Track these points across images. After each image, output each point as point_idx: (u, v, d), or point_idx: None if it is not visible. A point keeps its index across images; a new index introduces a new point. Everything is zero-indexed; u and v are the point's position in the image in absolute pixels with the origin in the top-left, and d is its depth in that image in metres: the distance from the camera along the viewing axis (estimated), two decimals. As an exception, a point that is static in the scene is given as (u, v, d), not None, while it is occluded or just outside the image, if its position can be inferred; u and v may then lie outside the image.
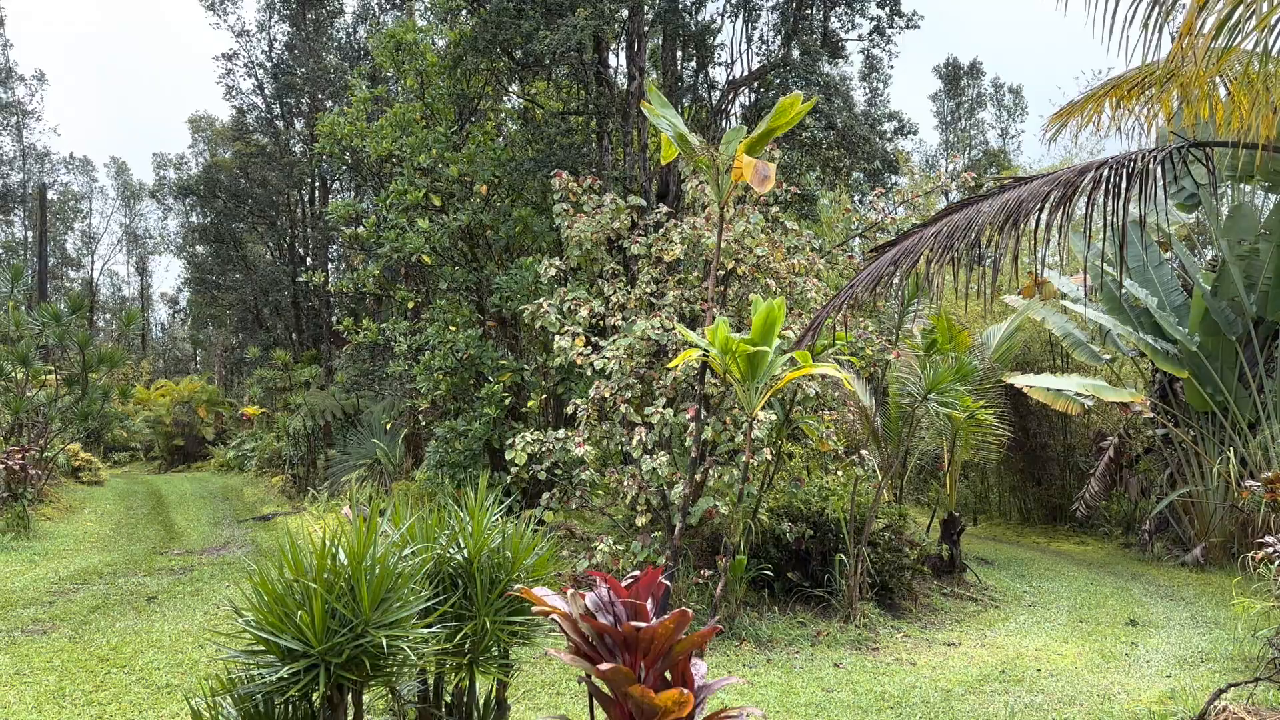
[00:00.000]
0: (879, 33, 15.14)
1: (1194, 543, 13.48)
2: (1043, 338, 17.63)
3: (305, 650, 3.60)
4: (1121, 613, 10.32)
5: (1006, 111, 43.95)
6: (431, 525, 4.75)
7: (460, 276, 14.18)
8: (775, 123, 8.31)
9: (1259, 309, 13.06)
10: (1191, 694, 7.03)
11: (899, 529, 10.64)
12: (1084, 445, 17.15)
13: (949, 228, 7.79)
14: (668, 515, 9.30)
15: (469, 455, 13.45)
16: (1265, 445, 12.59)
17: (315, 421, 22.21)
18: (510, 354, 14.05)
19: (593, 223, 10.21)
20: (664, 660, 3.55)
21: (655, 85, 12.09)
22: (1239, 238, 13.26)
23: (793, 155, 14.42)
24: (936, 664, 8.16)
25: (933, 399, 9.68)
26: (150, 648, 8.10)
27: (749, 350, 7.68)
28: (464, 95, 15.09)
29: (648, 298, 10.04)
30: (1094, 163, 7.68)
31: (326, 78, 24.68)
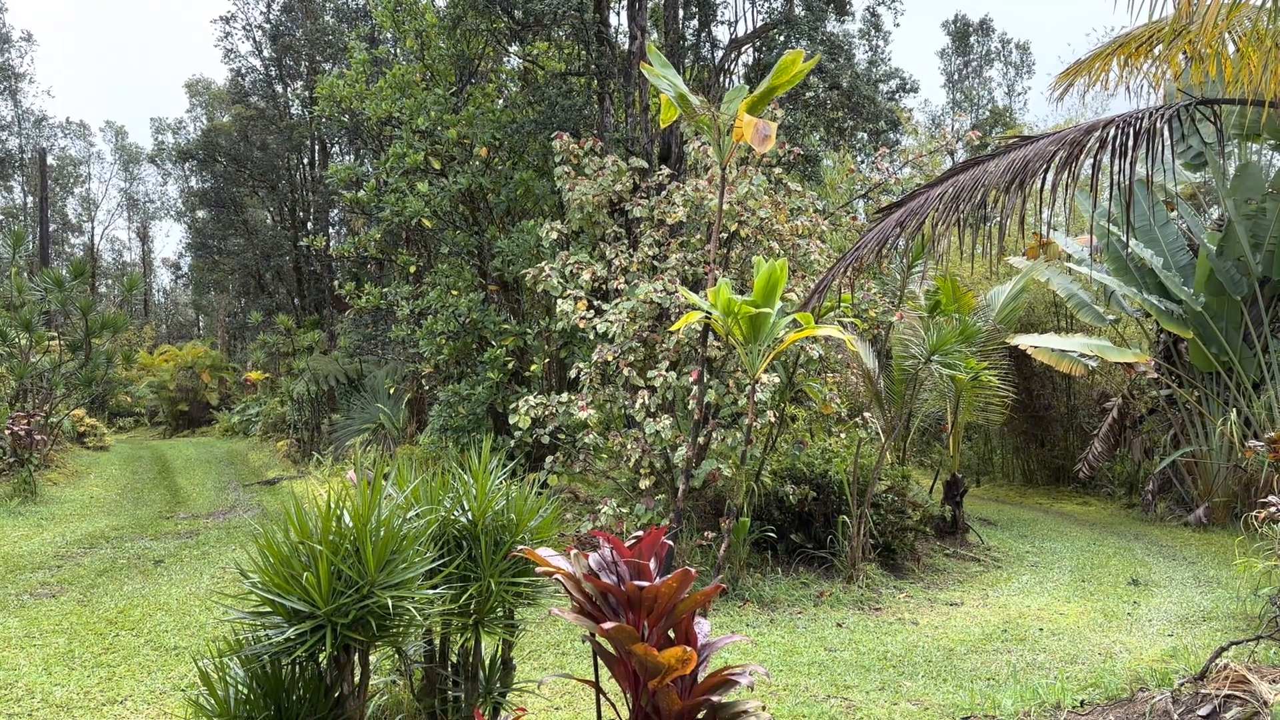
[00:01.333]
0: (884, -12, 14.95)
1: (1197, 503, 13.52)
2: (1047, 299, 17.57)
3: (311, 611, 3.62)
4: (1124, 572, 10.37)
5: (1014, 69, 43.46)
6: (436, 488, 4.75)
7: (461, 240, 14.11)
8: (777, 81, 8.19)
9: (1265, 268, 12.98)
10: (1193, 652, 7.07)
11: (902, 490, 10.67)
12: (1087, 406, 17.16)
13: (954, 189, 7.72)
14: (671, 478, 9.32)
15: (472, 419, 13.47)
16: (1269, 405, 12.58)
17: (319, 386, 22.24)
18: (512, 318, 14.02)
19: (594, 185, 10.14)
20: (667, 619, 3.56)
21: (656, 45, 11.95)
22: (1246, 197, 13.15)
23: (796, 115, 14.27)
24: (939, 623, 8.21)
25: (936, 360, 9.66)
26: (158, 610, 8.17)
27: (751, 312, 7.64)
28: (464, 56, 14.93)
29: (650, 261, 9.99)
30: (1100, 121, 7.59)
31: (325, 39, 24.42)
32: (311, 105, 21.02)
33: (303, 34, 25.14)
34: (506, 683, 4.74)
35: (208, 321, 49.76)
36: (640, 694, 3.43)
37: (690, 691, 3.46)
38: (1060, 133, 7.74)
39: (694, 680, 3.49)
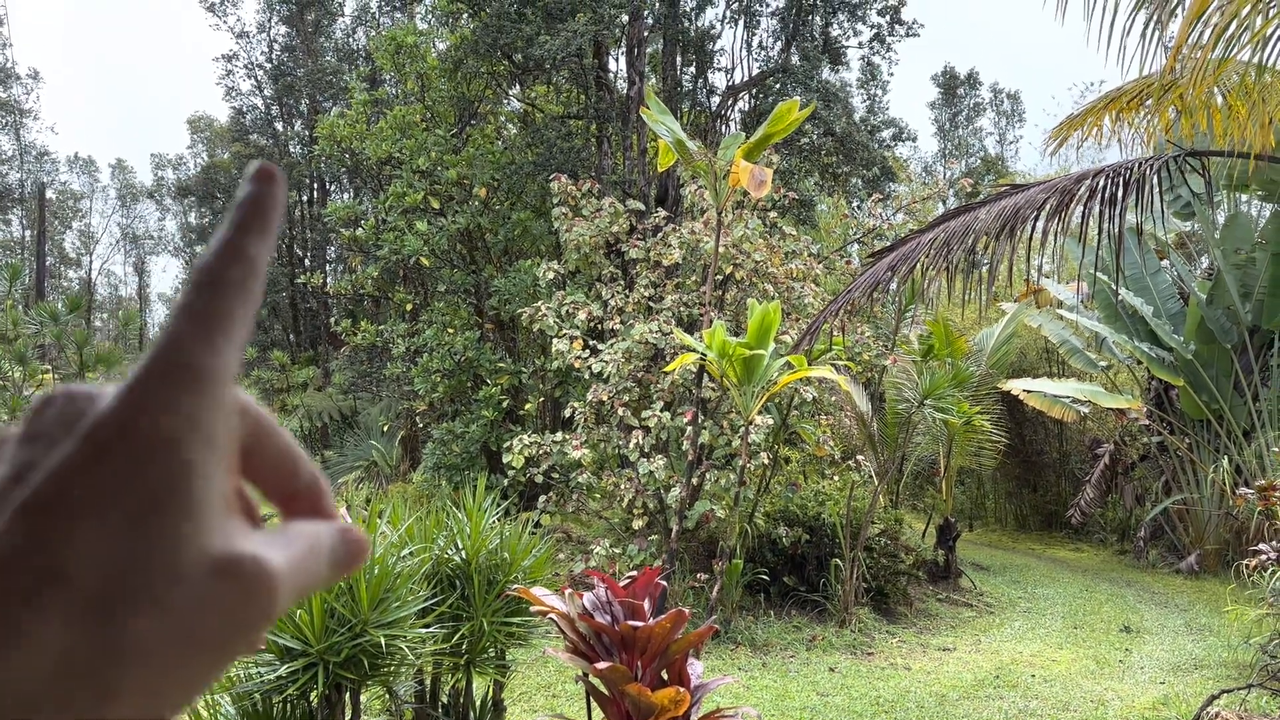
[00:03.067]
0: (879, 40, 15.18)
1: (1188, 550, 13.51)
2: (1039, 345, 17.66)
3: (304, 649, 3.62)
4: (1116, 619, 10.34)
5: (1005, 118, 44.03)
6: (430, 526, 4.77)
7: (459, 279, 14.19)
8: (773, 128, 8.35)
9: (1254, 317, 13.10)
10: (1185, 700, 7.07)
11: (895, 534, 10.67)
12: (1079, 452, 17.17)
13: (946, 235, 7.82)
14: (664, 518, 9.33)
15: (466, 457, 13.45)
16: (1260, 453, 12.63)
17: (312, 423, 22.20)
18: (508, 357, 14.06)
19: (591, 226, 10.25)
20: (660, 659, 3.58)
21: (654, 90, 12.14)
22: (1235, 246, 13.31)
23: (791, 161, 14.45)
24: (931, 669, 8.19)
25: (929, 404, 9.71)
26: (147, 647, 8.10)
27: (745, 354, 7.71)
28: (464, 98, 15.11)
29: (646, 301, 10.07)
30: (1090, 171, 7.73)
31: (325, 79, 24.71)
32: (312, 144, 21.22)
33: (304, 74, 25.43)
34: (497, 723, 4.73)
35: (202, 357, 49.51)
36: (632, 735, 3.44)
37: (682, 733, 3.46)
38: (1051, 181, 7.87)
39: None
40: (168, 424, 0.30)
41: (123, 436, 0.30)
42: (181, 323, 0.32)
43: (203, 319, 0.32)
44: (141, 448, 0.30)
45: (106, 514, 0.29)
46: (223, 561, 0.30)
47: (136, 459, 0.29)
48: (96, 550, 0.28)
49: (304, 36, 26.33)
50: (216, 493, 0.31)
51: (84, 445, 0.30)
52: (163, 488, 0.30)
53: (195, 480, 0.30)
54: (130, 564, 0.29)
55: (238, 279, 0.34)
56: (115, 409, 0.30)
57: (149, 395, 0.30)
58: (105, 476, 0.29)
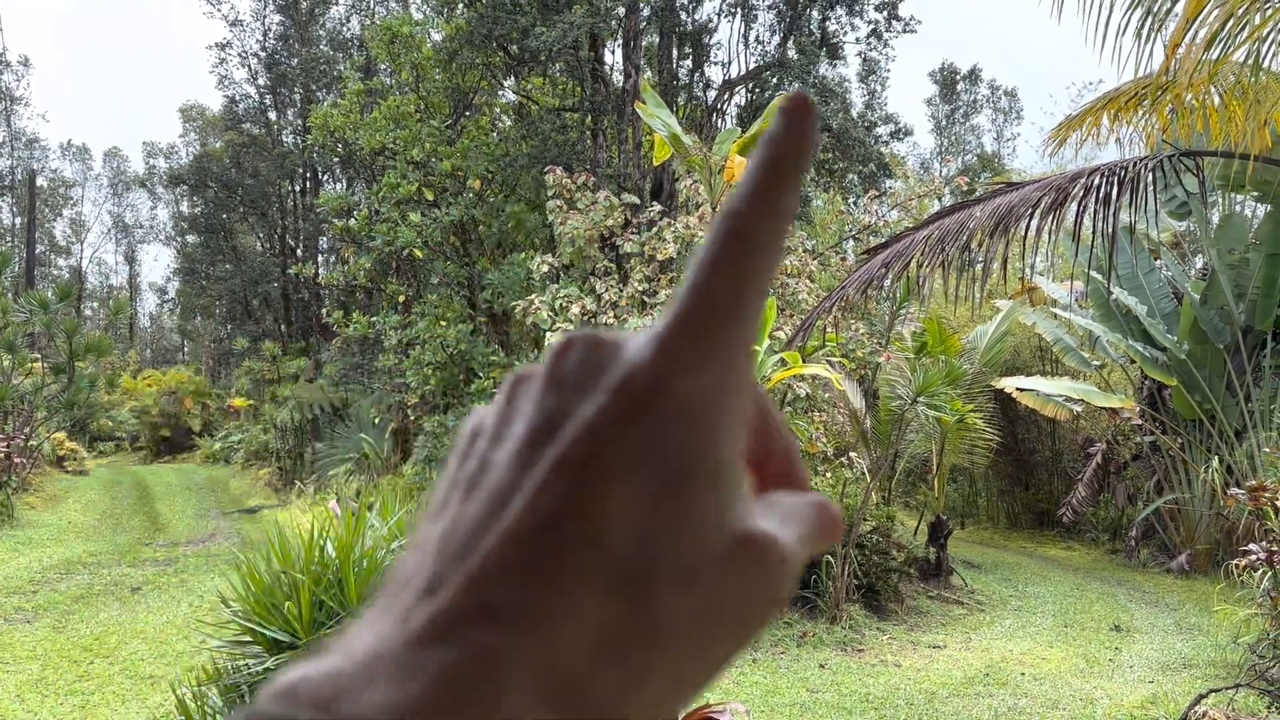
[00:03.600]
0: (876, 36, 15.17)
1: (1179, 549, 13.54)
2: (1033, 343, 17.67)
3: (292, 641, 3.59)
4: (1106, 618, 10.36)
5: (1002, 114, 44.04)
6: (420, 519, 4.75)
7: (452, 271, 14.15)
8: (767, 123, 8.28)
9: (1247, 318, 13.11)
10: (1173, 699, 7.08)
11: (887, 531, 10.66)
12: (1072, 451, 17.19)
13: (940, 232, 7.81)
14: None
15: (458, 451, 13.40)
16: (1251, 453, 12.65)
17: (303, 414, 22.12)
18: (501, 350, 14.03)
19: (586, 220, 10.21)
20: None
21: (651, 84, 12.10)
22: (1229, 246, 13.33)
23: (787, 156, 14.37)
24: (921, 666, 8.19)
25: (922, 402, 9.70)
26: (134, 638, 8.07)
27: (740, 350, 7.68)
28: (459, 89, 15.05)
29: (640, 296, 10.04)
30: (1085, 169, 7.72)
31: (319, 68, 24.60)
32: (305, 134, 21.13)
33: (298, 62, 25.31)
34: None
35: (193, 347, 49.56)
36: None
37: (672, 730, 3.44)
38: (1046, 180, 7.86)
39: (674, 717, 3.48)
40: (699, 387, 0.28)
41: (656, 396, 0.28)
42: (713, 278, 0.29)
43: (735, 276, 0.30)
44: (675, 410, 0.28)
45: (640, 478, 0.27)
46: (745, 539, 0.28)
47: (670, 421, 0.28)
48: (630, 517, 0.27)
49: (298, 25, 26.20)
50: (739, 465, 0.30)
51: (616, 400, 0.28)
52: (694, 455, 0.28)
53: (723, 449, 0.29)
54: (663, 535, 0.27)
55: (769, 233, 0.31)
56: (648, 365, 0.28)
57: (681, 354, 0.28)
58: (639, 437, 0.27)
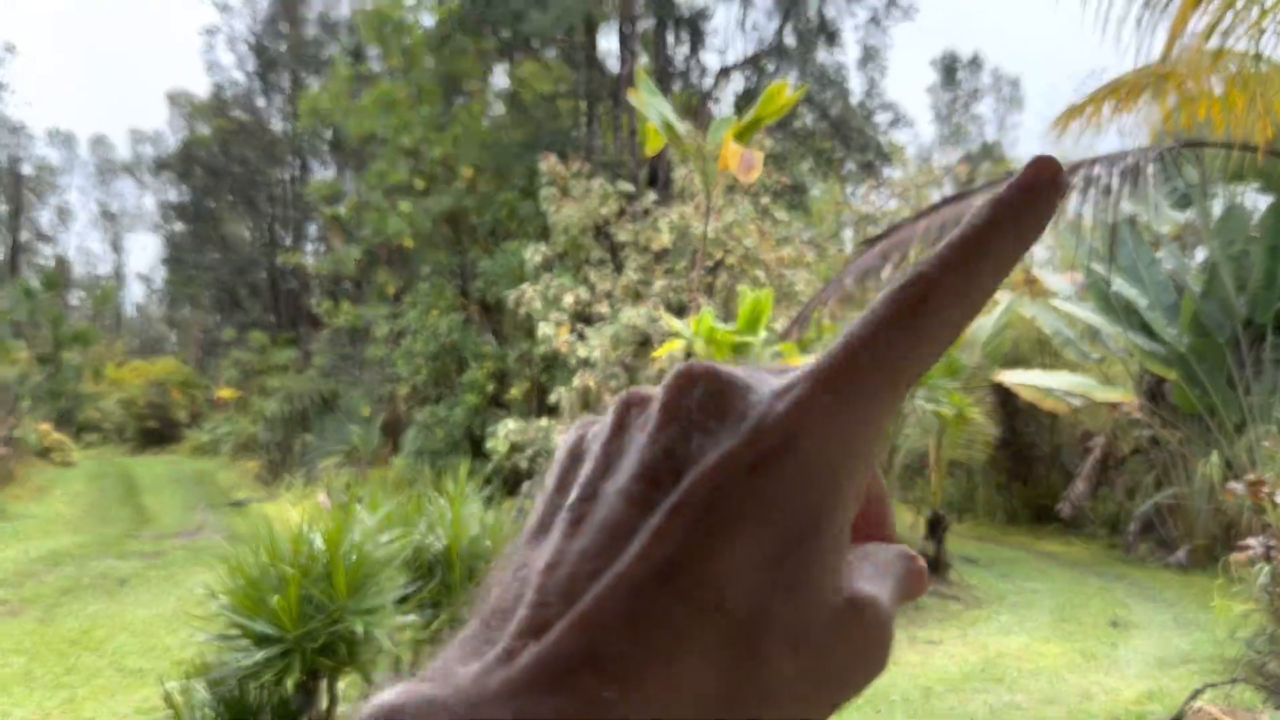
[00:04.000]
0: (875, 22, 15.05)
1: (1178, 544, 13.50)
2: (1032, 336, 17.59)
3: (280, 635, 3.52)
4: (1104, 613, 10.31)
5: (1005, 103, 43.86)
6: (410, 513, 4.70)
7: (443, 260, 14.02)
8: (763, 111, 8.22)
9: (1248, 311, 13.05)
10: (1170, 694, 7.06)
11: (882, 525, 10.59)
12: (1071, 445, 17.11)
13: (939, 222, 7.73)
14: (650, 507, 9.21)
15: (449, 443, 13.30)
16: (1250, 447, 12.61)
17: (291, 406, 21.93)
18: (493, 340, 13.90)
19: (580, 208, 10.09)
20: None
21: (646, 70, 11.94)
22: (1230, 239, 13.26)
23: (785, 144, 14.29)
24: (918, 662, 8.13)
25: (920, 395, 9.62)
26: (121, 631, 7.96)
27: (734, 341, 7.59)
28: (450, 75, 14.88)
29: (634, 286, 9.93)
30: (1086, 160, 7.65)
31: (308, 53, 24.37)
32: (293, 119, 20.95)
33: (287, 47, 25.08)
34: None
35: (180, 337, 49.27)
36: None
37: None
38: (1047, 170, 7.76)
39: None
40: (830, 448, 0.27)
41: (786, 451, 0.27)
42: (873, 340, 0.27)
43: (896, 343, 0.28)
44: (803, 468, 0.27)
45: (762, 534, 0.26)
46: (853, 601, 0.28)
47: (797, 479, 0.27)
48: (748, 573, 0.26)
49: (287, 9, 25.95)
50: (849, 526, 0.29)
51: (745, 449, 0.27)
52: (817, 516, 0.27)
53: (842, 511, 0.28)
54: (779, 595, 0.26)
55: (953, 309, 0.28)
56: (781, 417, 0.27)
57: (818, 411, 0.27)
58: (764, 492, 0.26)
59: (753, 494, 0.26)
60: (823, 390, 0.27)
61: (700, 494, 0.26)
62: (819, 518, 0.27)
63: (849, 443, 0.27)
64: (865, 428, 0.28)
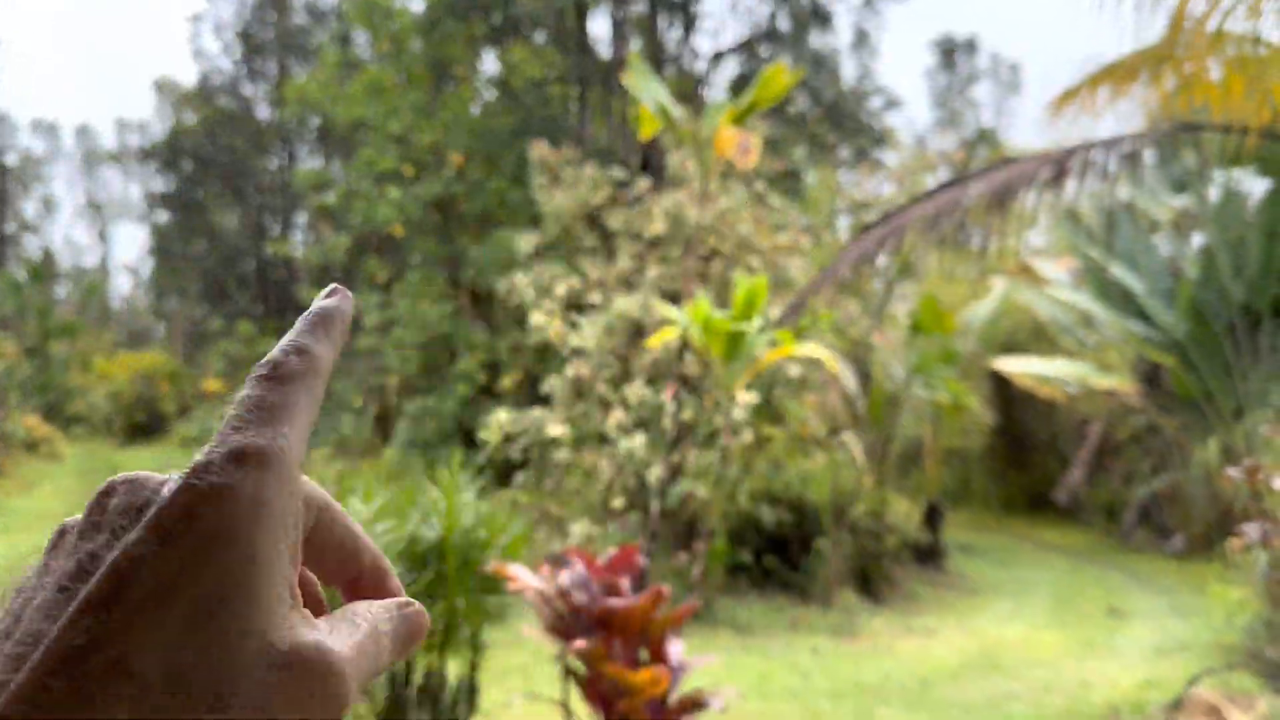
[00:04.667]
0: (868, 5, 14.91)
1: (1175, 531, 13.50)
2: (1029, 323, 17.53)
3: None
4: (1102, 601, 10.30)
5: (1003, 87, 43.69)
6: (403, 504, 4.67)
7: (433, 249, 13.89)
8: (760, 95, 8.10)
9: (1245, 297, 13.00)
10: (1169, 682, 7.06)
11: (880, 515, 10.54)
12: (1068, 432, 17.09)
13: (936, 208, 7.63)
14: (645, 498, 9.10)
15: (441, 433, 13.20)
16: (1248, 433, 12.58)
17: (282, 396, 21.78)
18: (485, 330, 13.78)
19: (571, 195, 9.97)
20: (640, 638, 3.55)
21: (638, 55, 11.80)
22: (1228, 224, 13.20)
23: (779, 130, 14.17)
24: (915, 651, 8.09)
25: (917, 383, 9.54)
26: (105, 626, 7.84)
27: (730, 329, 7.49)
28: (439, 60, 14.71)
29: (627, 274, 9.81)
30: (1083, 145, 7.55)
31: (295, 41, 24.14)
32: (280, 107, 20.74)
33: (273, 33, 24.84)
34: (472, 705, 4.63)
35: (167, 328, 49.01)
36: (611, 715, 3.39)
37: (661, 713, 3.42)
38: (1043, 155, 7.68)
39: (665, 702, 3.45)
40: (232, 513, 0.30)
41: (187, 526, 0.30)
42: (243, 411, 0.33)
43: (264, 406, 0.33)
44: (206, 538, 0.30)
45: (171, 607, 0.29)
46: (288, 654, 0.30)
47: (201, 549, 0.29)
48: (159, 645, 0.28)
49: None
50: (281, 582, 0.31)
51: (147, 535, 0.30)
52: (228, 579, 0.29)
53: (260, 570, 0.30)
54: (194, 659, 0.28)
55: (298, 370, 0.35)
56: (179, 497, 0.30)
57: (214, 483, 0.30)
58: (169, 568, 0.29)
59: (155, 572, 0.28)
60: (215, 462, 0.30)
61: (103, 585, 0.28)
62: (233, 580, 0.29)
63: (255, 505, 0.30)
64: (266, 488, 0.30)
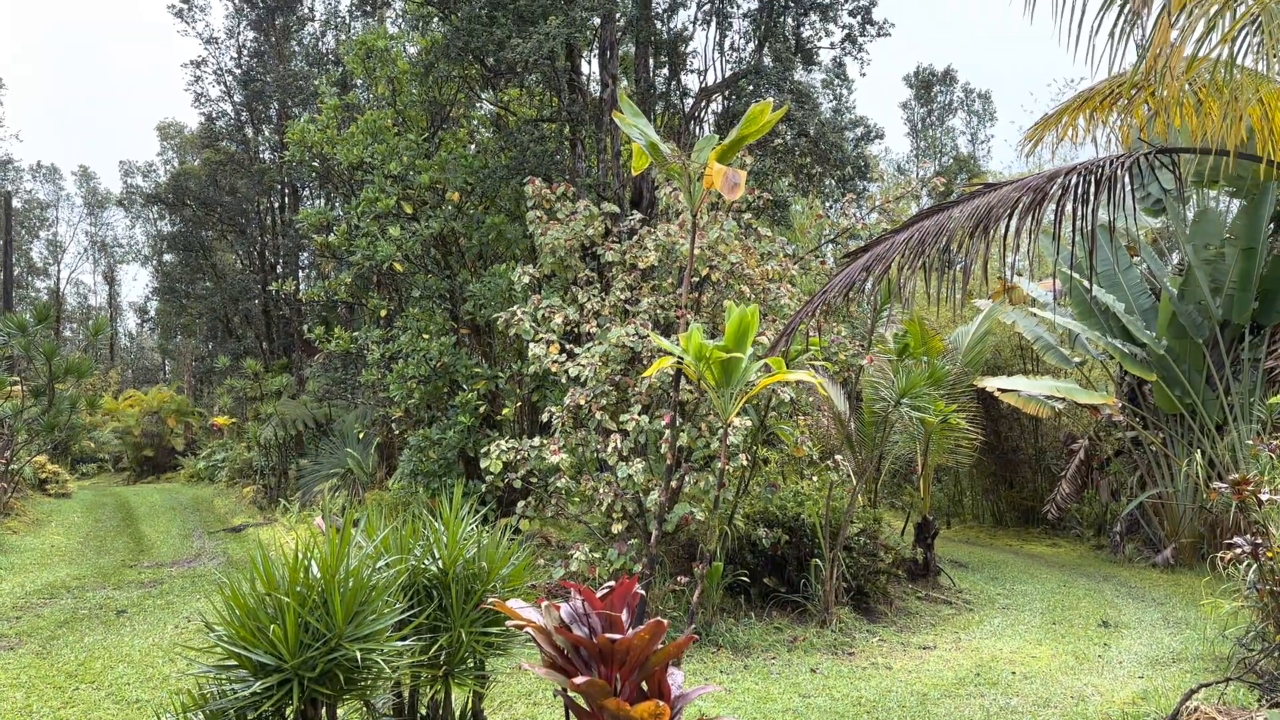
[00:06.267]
0: (850, 40, 15.23)
1: (1164, 544, 13.63)
2: (1013, 342, 17.78)
3: (278, 665, 3.56)
4: (1094, 614, 10.41)
5: (976, 117, 44.31)
6: (406, 536, 4.71)
7: (433, 284, 14.11)
8: (746, 130, 8.32)
9: (1224, 312, 13.23)
10: (1164, 694, 7.11)
11: (874, 533, 10.68)
12: (1055, 448, 17.29)
13: (920, 234, 7.84)
14: (644, 522, 9.29)
15: (443, 464, 13.37)
16: (1233, 446, 12.75)
17: (286, 431, 21.99)
18: (484, 362, 13.99)
19: (566, 230, 10.19)
20: (640, 671, 3.54)
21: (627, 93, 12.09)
22: (1204, 242, 13.45)
23: (765, 162, 14.46)
24: (912, 668, 8.19)
25: (906, 403, 9.73)
26: (119, 663, 7.98)
27: (723, 357, 7.68)
28: (436, 102, 15.03)
29: (622, 305, 10.03)
30: (1063, 169, 7.76)
31: (295, 84, 24.51)
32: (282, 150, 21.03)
33: (273, 79, 25.20)
34: (477, 735, 4.68)
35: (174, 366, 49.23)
36: (613, 746, 3.40)
37: (663, 743, 3.43)
38: (1023, 180, 7.91)
39: None
40: None
41: None
42: None
43: None
44: None
45: None
46: None
47: None
48: None
49: (273, 41, 26.09)
50: None
51: None
52: None
53: None
54: None
55: None
56: None
57: None
58: None
59: None
60: None
61: None
62: None
63: None
64: None
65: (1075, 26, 6.92)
